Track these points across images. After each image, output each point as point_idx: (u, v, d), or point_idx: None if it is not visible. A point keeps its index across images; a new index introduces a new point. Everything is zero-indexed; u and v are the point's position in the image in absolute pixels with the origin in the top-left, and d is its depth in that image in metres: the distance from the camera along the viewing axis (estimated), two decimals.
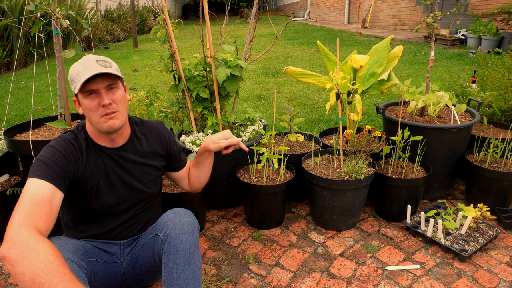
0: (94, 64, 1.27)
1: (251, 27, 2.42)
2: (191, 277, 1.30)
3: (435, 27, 2.39)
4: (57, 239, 1.26)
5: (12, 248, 0.98)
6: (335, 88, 2.04)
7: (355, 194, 2.07)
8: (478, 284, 1.74)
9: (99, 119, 1.30)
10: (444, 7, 8.04)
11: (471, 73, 4.44)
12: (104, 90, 1.29)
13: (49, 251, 0.99)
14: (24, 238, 1.00)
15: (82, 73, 1.26)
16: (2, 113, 4.32)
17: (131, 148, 1.46)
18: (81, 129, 1.41)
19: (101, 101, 1.28)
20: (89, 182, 1.36)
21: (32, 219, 1.07)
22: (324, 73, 5.64)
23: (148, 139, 1.53)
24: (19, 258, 0.97)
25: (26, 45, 7.23)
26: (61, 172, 1.24)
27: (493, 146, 2.28)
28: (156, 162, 1.54)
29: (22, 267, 0.95)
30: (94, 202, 1.39)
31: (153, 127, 1.57)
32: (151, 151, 1.52)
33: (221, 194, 2.37)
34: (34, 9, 1.94)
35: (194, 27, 13.43)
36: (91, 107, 1.29)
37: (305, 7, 18.64)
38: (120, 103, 1.33)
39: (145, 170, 1.50)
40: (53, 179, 1.20)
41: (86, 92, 1.28)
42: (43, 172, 1.20)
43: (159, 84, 5.74)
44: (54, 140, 1.34)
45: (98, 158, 1.39)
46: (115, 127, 1.32)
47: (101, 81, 1.27)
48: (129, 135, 1.47)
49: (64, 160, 1.27)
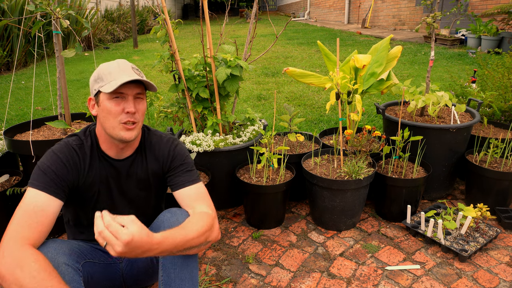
0: (129, 69, 1.26)
1: (251, 27, 2.42)
2: (189, 277, 1.30)
3: (435, 27, 2.39)
4: (53, 242, 1.25)
5: (1, 264, 1.03)
6: (335, 88, 2.04)
7: (355, 194, 2.07)
8: (478, 284, 1.74)
9: (117, 125, 1.26)
10: (444, 7, 8.04)
11: (471, 73, 4.44)
12: (132, 97, 1.26)
13: (32, 266, 1.03)
14: (12, 253, 1.05)
15: (116, 74, 1.23)
16: (2, 113, 4.32)
17: (135, 161, 1.42)
18: (88, 135, 1.36)
19: (127, 107, 1.24)
20: (90, 190, 1.35)
21: (23, 232, 1.11)
22: (324, 73, 5.64)
23: (152, 154, 1.45)
24: (6, 273, 1.02)
25: (26, 45, 7.23)
26: (60, 181, 1.23)
27: (493, 146, 2.28)
28: (156, 178, 1.47)
29: (9, 283, 1.01)
30: (92, 210, 1.39)
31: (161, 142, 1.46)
32: (152, 168, 1.45)
33: (221, 194, 2.37)
34: (34, 9, 1.94)
35: (194, 27, 13.43)
36: (114, 111, 1.24)
37: (305, 7, 18.64)
38: (141, 115, 1.31)
39: (146, 184, 1.45)
40: (51, 189, 1.20)
41: (114, 94, 1.24)
42: (40, 182, 1.20)
43: (159, 84, 5.74)
44: (57, 145, 1.31)
45: (101, 167, 1.36)
46: (131, 139, 1.29)
47: (133, 87, 1.25)
48: (137, 146, 1.42)
49: (64, 169, 1.26)
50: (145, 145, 1.44)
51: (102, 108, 1.27)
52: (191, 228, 1.20)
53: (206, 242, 1.25)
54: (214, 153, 2.18)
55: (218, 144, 2.18)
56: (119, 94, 1.24)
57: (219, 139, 2.19)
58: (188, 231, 1.18)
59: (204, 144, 2.15)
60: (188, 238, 1.17)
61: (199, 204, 1.35)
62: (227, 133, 2.43)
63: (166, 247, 1.10)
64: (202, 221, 1.25)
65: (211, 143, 2.16)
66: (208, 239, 1.25)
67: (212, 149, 2.16)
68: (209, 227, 1.25)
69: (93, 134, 1.37)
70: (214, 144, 2.17)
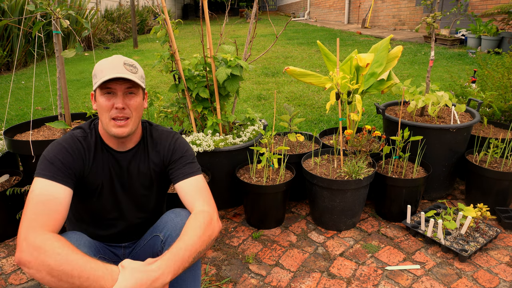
0: (121, 66, 1.26)
1: (251, 27, 2.42)
2: (191, 277, 1.30)
3: (435, 27, 2.39)
4: (73, 233, 1.26)
5: (22, 252, 1.03)
6: (335, 88, 2.04)
7: (355, 194, 2.07)
8: (478, 284, 1.74)
9: (109, 121, 1.28)
10: (444, 7, 8.04)
11: (471, 73, 4.44)
12: (121, 92, 1.27)
13: (55, 245, 1.03)
14: (31, 240, 1.04)
15: (106, 71, 1.24)
16: (2, 113, 4.32)
17: (137, 154, 1.43)
18: (92, 128, 1.39)
19: (116, 103, 1.26)
20: (94, 183, 1.36)
21: (38, 221, 1.10)
22: (324, 73, 5.64)
23: (154, 148, 1.46)
24: (31, 259, 1.01)
25: (26, 45, 7.23)
26: (66, 169, 1.24)
27: (493, 146, 2.28)
28: (157, 173, 1.47)
29: (36, 267, 1.00)
30: (95, 203, 1.39)
31: (162, 136, 1.46)
32: (153, 162, 1.45)
33: (221, 194, 2.37)
34: (34, 9, 1.94)
35: (194, 27, 13.43)
36: (104, 106, 1.27)
37: (305, 7, 18.64)
38: (134, 110, 1.30)
39: (147, 179, 1.46)
40: (59, 177, 1.20)
41: (104, 89, 1.26)
42: (47, 171, 1.20)
43: (159, 84, 5.74)
44: (63, 136, 1.33)
45: (104, 160, 1.38)
46: (123, 135, 1.30)
47: (121, 83, 1.26)
48: (139, 140, 1.43)
49: (70, 157, 1.27)
50: (147, 139, 1.46)
51: (97, 103, 1.30)
52: (194, 237, 1.18)
53: (211, 240, 1.25)
54: (214, 153, 2.18)
55: (218, 144, 2.18)
56: (110, 90, 1.26)
57: (219, 139, 2.19)
58: (192, 241, 1.17)
59: (204, 144, 2.15)
60: (194, 247, 1.16)
61: (198, 200, 1.34)
62: (227, 133, 2.43)
63: (174, 265, 1.09)
64: (203, 221, 1.24)
65: (211, 143, 2.16)
66: (213, 236, 1.25)
67: (212, 149, 2.16)
68: (209, 224, 1.24)
69: (97, 128, 1.39)
70: (214, 144, 2.17)
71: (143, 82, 1.34)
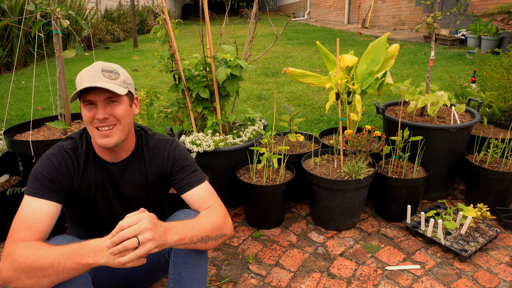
0: (98, 73, 1.18)
1: (251, 27, 2.42)
2: (199, 277, 1.29)
3: (435, 27, 2.38)
4: (62, 237, 1.26)
5: (1, 270, 1.06)
6: (335, 88, 2.04)
7: (355, 194, 2.07)
8: (478, 284, 1.74)
9: (93, 132, 1.23)
10: (444, 7, 8.04)
11: (471, 73, 4.43)
12: (102, 102, 1.20)
13: (21, 249, 1.06)
14: (5, 254, 1.08)
15: (84, 81, 1.18)
16: (2, 113, 4.32)
17: (131, 164, 1.38)
18: (84, 138, 1.34)
19: (96, 114, 1.20)
20: (86, 193, 1.34)
21: (19, 235, 1.12)
22: (324, 73, 5.64)
23: (151, 158, 1.41)
24: (8, 272, 1.04)
25: (26, 45, 7.23)
26: (52, 185, 1.23)
27: (493, 146, 2.28)
28: (156, 184, 1.45)
29: (14, 276, 1.03)
30: (89, 213, 1.39)
31: (159, 146, 1.42)
32: (151, 172, 1.41)
33: (221, 194, 2.34)
34: (34, 9, 1.94)
35: (194, 27, 13.42)
36: (86, 118, 1.21)
37: (305, 7, 18.64)
38: (121, 118, 1.23)
39: (144, 189, 1.43)
40: (44, 194, 1.21)
41: (85, 101, 1.20)
42: (33, 188, 1.21)
43: (159, 84, 5.74)
44: (51, 149, 1.30)
45: (97, 171, 1.34)
46: (110, 145, 1.24)
47: (100, 92, 1.18)
48: (132, 149, 1.38)
49: (56, 172, 1.25)
50: (142, 148, 1.41)
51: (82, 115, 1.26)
52: (206, 220, 1.24)
53: (221, 234, 1.27)
54: (214, 153, 2.18)
55: (218, 144, 2.18)
56: (88, 101, 1.20)
57: (219, 139, 2.19)
58: (203, 222, 1.22)
59: (204, 144, 2.15)
60: (203, 227, 1.20)
61: (210, 203, 1.36)
62: (227, 133, 2.43)
63: (183, 230, 1.14)
64: (217, 214, 1.29)
65: (211, 143, 2.16)
66: (224, 232, 1.28)
67: (212, 149, 2.16)
68: (222, 220, 1.28)
69: (89, 137, 1.34)
70: (214, 144, 2.17)
71: (128, 86, 1.25)
